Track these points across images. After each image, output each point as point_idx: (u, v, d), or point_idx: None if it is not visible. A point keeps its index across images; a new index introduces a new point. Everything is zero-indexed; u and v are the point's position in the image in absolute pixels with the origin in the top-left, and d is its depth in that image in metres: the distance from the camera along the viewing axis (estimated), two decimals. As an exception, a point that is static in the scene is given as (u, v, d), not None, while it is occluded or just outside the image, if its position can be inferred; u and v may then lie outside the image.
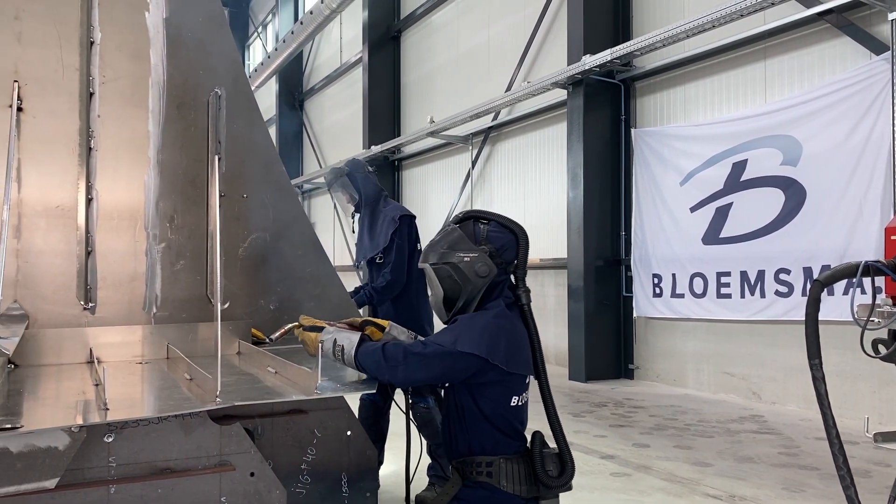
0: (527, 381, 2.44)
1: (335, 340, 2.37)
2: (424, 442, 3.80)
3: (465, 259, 2.36)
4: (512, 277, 2.48)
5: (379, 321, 2.71)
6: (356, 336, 2.38)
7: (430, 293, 2.48)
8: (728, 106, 8.01)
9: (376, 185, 4.60)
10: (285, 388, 2.39)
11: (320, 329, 2.47)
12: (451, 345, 2.26)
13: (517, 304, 2.46)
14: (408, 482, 2.89)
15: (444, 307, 2.44)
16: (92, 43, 3.06)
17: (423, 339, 2.42)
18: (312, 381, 2.25)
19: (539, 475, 2.34)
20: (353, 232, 4.84)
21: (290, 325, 2.66)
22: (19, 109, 2.91)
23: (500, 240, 2.42)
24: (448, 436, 2.45)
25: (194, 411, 2.12)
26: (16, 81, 2.92)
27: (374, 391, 2.46)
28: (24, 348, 2.77)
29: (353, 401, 2.85)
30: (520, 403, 2.40)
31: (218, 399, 2.07)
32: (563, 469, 2.40)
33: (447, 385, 2.44)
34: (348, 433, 2.74)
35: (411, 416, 4.25)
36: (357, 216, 4.75)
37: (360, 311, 4.44)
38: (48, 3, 3.00)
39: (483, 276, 2.35)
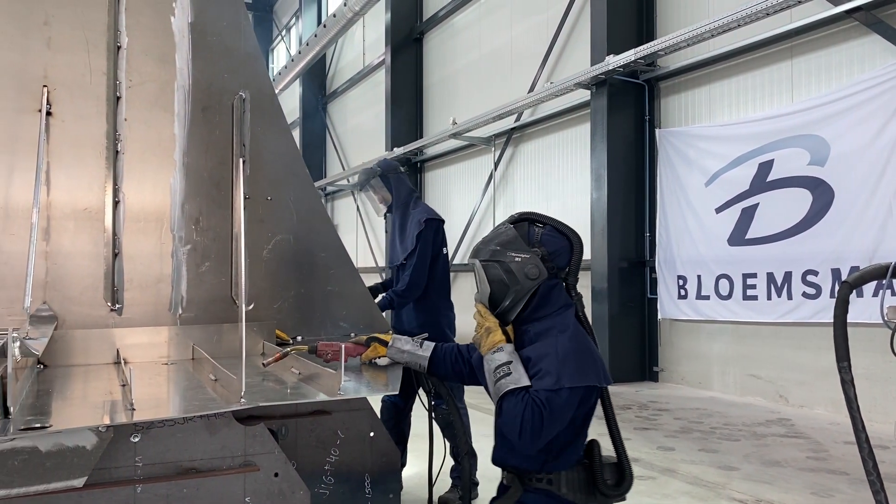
0: None
1: (497, 368, 2.22)
2: (447, 444, 3.80)
3: (517, 259, 2.29)
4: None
5: (382, 336, 2.72)
6: None
7: (476, 290, 2.41)
8: (754, 106, 7.92)
9: (408, 185, 4.60)
10: (309, 389, 2.40)
11: (315, 348, 2.55)
12: (556, 384, 2.14)
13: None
14: (430, 484, 2.88)
15: (488, 306, 2.38)
16: (119, 47, 3.10)
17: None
18: (336, 382, 2.25)
19: (598, 484, 2.30)
20: (386, 232, 4.84)
21: (286, 350, 2.69)
22: (48, 113, 2.95)
23: (553, 244, 2.35)
24: (503, 448, 2.36)
25: (219, 412, 2.13)
26: (45, 86, 2.97)
27: (397, 393, 2.47)
28: (53, 349, 2.81)
29: (376, 402, 2.86)
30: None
31: (242, 400, 2.09)
32: (621, 478, 2.36)
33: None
34: (371, 434, 2.75)
35: (436, 420, 4.27)
36: (388, 217, 4.76)
37: (384, 314, 4.46)
38: (76, 9, 3.05)
39: (533, 278, 2.28)
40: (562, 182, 10.82)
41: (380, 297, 4.42)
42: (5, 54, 2.92)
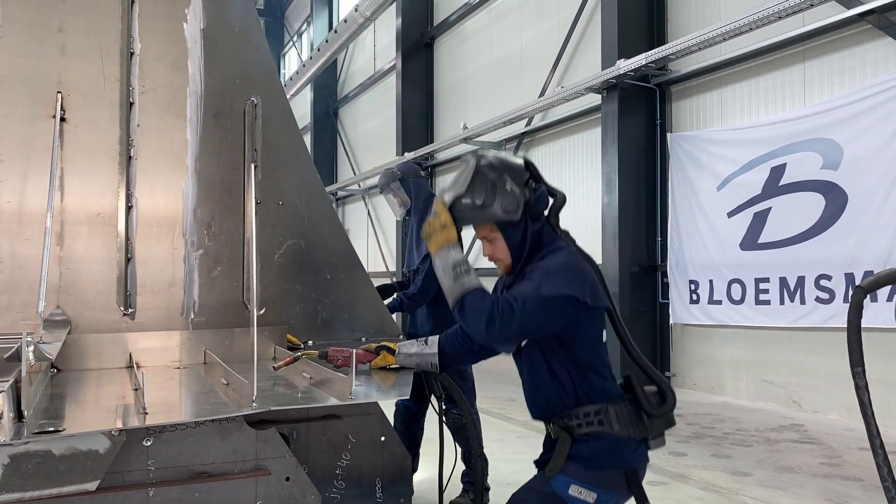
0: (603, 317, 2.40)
1: (455, 264, 2.27)
2: (458, 448, 3.80)
3: (507, 188, 2.32)
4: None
5: (390, 344, 2.72)
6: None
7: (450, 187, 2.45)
8: (766, 109, 7.88)
9: (428, 190, 4.61)
10: (320, 394, 2.41)
11: (325, 353, 2.56)
12: (536, 291, 2.19)
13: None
14: (441, 489, 2.88)
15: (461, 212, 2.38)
16: (132, 54, 3.13)
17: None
18: (347, 386, 2.26)
19: (645, 408, 2.29)
20: (405, 236, 4.84)
21: (296, 354, 2.70)
22: (62, 120, 2.98)
23: (537, 192, 2.40)
24: (539, 398, 2.35)
25: (231, 416, 2.14)
26: (59, 92, 2.99)
27: (408, 397, 2.46)
28: (66, 353, 2.83)
29: (388, 407, 2.86)
30: (605, 339, 2.38)
31: (254, 404, 2.09)
32: (663, 398, 2.37)
33: (524, 345, 2.34)
34: (382, 438, 2.75)
35: (447, 425, 4.26)
36: (406, 220, 4.78)
37: (393, 316, 4.47)
38: (90, 16, 3.07)
39: (510, 211, 2.30)
40: (573, 186, 10.80)
41: (391, 298, 4.43)
42: (20, 61, 2.95)
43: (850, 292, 5.33)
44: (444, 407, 2.95)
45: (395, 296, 4.47)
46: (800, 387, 7.45)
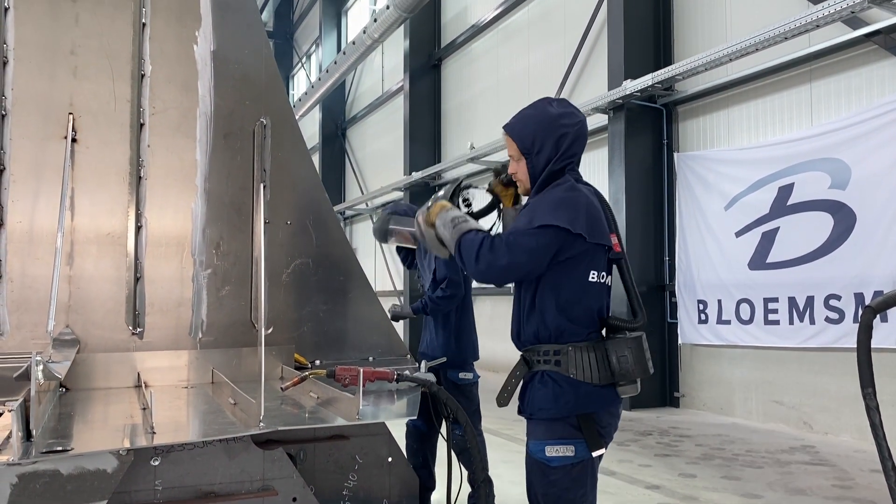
0: (608, 262, 2.50)
1: (453, 218, 2.45)
2: (463, 470, 3.78)
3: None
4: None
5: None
6: (463, 224, 2.44)
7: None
8: (773, 129, 7.89)
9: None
10: (327, 414, 2.40)
11: (333, 372, 2.58)
12: (528, 224, 2.30)
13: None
14: (449, 510, 2.86)
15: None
16: (143, 76, 3.16)
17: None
18: (354, 406, 2.25)
19: (611, 364, 2.37)
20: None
21: (304, 374, 2.70)
22: (73, 140, 3.01)
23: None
24: (514, 326, 2.48)
25: (238, 436, 2.14)
26: (71, 113, 3.03)
27: (416, 417, 2.46)
28: (75, 372, 2.84)
29: (395, 427, 2.85)
30: (600, 280, 2.44)
31: (261, 424, 2.09)
32: (634, 317, 2.50)
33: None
34: (389, 459, 2.74)
35: (452, 446, 4.25)
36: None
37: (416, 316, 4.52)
38: (102, 39, 3.12)
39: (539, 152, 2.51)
40: (580, 206, 10.80)
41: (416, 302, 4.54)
42: (33, 83, 2.99)
43: (860, 312, 5.32)
44: (450, 428, 2.94)
45: (419, 300, 4.53)
46: (810, 408, 7.39)
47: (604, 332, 2.50)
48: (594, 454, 2.33)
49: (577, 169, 2.56)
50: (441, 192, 2.66)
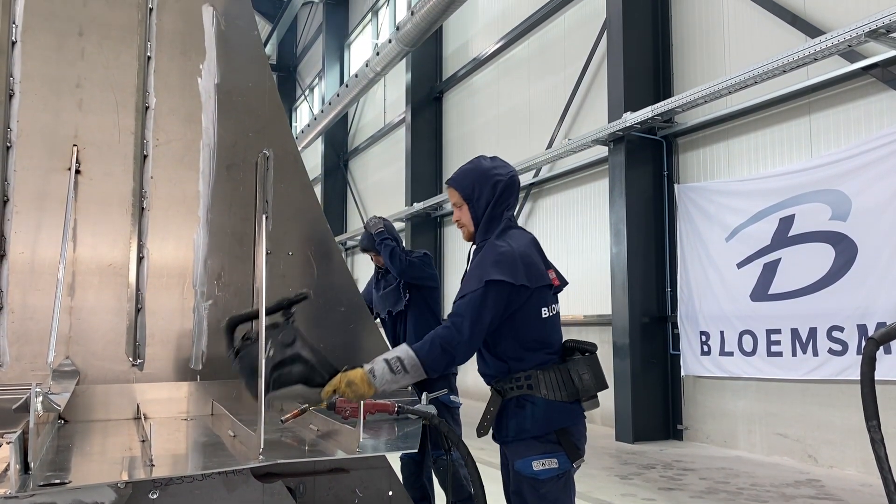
0: (554, 295, 2.75)
1: (386, 360, 2.52)
2: (448, 496, 3.75)
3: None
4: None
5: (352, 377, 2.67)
6: (399, 350, 2.54)
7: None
8: (773, 161, 7.93)
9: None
10: (327, 447, 2.38)
11: (333, 404, 2.57)
12: (478, 284, 2.53)
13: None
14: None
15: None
16: (147, 108, 3.19)
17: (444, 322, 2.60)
18: (354, 439, 2.24)
19: (574, 380, 2.59)
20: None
21: (305, 406, 2.68)
22: (77, 172, 3.03)
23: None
24: (482, 362, 2.71)
25: (238, 469, 2.12)
26: (75, 145, 3.05)
27: (416, 450, 2.44)
28: (74, 404, 2.82)
29: (394, 460, 2.83)
30: (550, 314, 2.68)
31: (261, 456, 2.08)
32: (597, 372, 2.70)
33: None
34: (390, 493, 2.71)
35: (435, 472, 4.28)
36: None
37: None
38: (108, 72, 3.15)
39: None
40: (581, 237, 10.83)
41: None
42: (39, 115, 3.02)
43: (863, 344, 5.29)
44: (434, 454, 2.98)
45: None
46: (815, 441, 7.32)
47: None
48: (574, 465, 2.58)
49: (513, 213, 2.84)
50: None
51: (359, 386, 2.47)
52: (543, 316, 2.64)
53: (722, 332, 8.18)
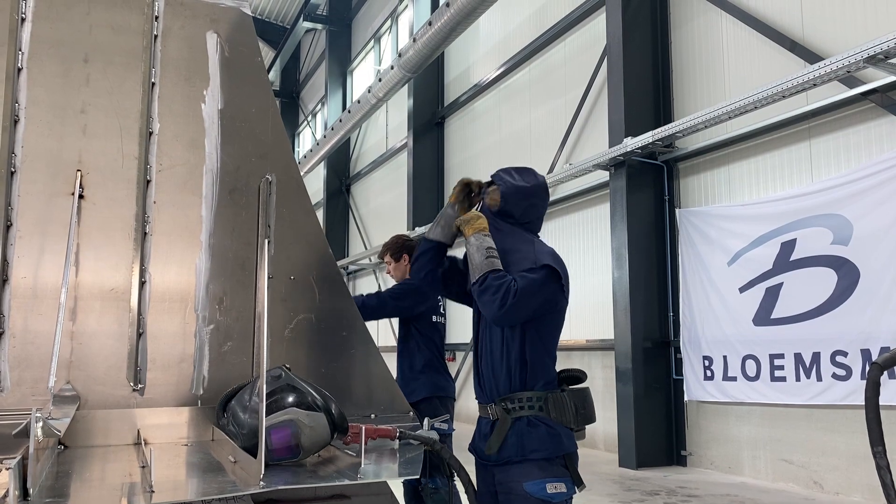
0: None
1: (488, 247, 2.64)
2: None
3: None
4: None
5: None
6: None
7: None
8: (774, 185, 7.95)
9: None
10: (329, 472, 2.37)
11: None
12: (533, 264, 2.59)
13: None
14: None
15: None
16: (151, 133, 3.21)
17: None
18: (356, 465, 2.22)
19: (578, 409, 2.60)
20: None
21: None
22: (81, 197, 3.04)
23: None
24: (490, 378, 2.67)
25: (238, 495, 2.10)
26: (79, 170, 3.07)
27: (418, 476, 2.42)
28: (74, 429, 2.81)
29: (396, 487, 2.81)
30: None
31: (261, 483, 2.06)
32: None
33: (488, 327, 2.70)
34: (391, 520, 2.68)
35: (427, 498, 4.26)
36: None
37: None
38: (112, 98, 3.18)
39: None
40: (583, 261, 10.83)
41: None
42: (43, 141, 3.04)
43: (867, 369, 5.27)
44: (423, 481, 2.96)
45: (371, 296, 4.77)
46: (820, 466, 7.25)
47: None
48: (578, 491, 2.58)
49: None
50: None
51: (473, 220, 2.70)
52: (560, 335, 2.70)
53: (725, 357, 8.14)
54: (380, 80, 14.92)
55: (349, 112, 16.92)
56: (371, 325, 4.27)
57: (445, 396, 4.66)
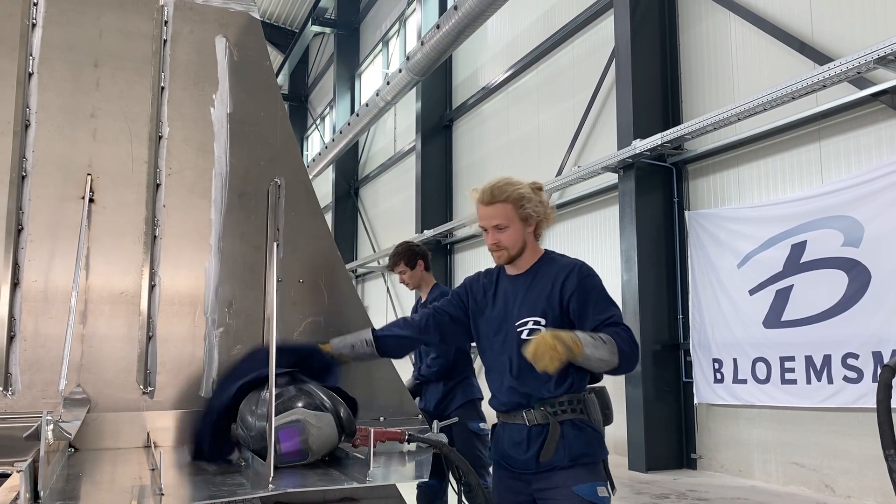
0: None
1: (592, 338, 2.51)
2: None
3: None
4: None
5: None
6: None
7: None
8: (784, 187, 7.92)
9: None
10: (337, 475, 2.37)
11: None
12: (615, 308, 2.70)
13: None
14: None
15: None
16: (160, 137, 3.23)
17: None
18: (364, 468, 2.22)
19: (604, 409, 2.65)
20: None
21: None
22: (91, 201, 3.05)
23: None
24: (524, 387, 2.62)
25: (247, 497, 2.10)
26: (89, 174, 3.08)
27: (427, 479, 2.42)
28: (84, 432, 2.82)
29: (406, 490, 2.80)
30: None
31: (271, 485, 2.06)
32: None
33: (516, 335, 2.68)
34: (400, 523, 2.68)
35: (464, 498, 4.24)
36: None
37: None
38: (122, 103, 3.19)
39: None
40: (591, 264, 10.65)
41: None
42: (54, 145, 3.06)
43: (879, 371, 5.24)
44: (461, 484, 2.91)
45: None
46: (832, 470, 7.20)
47: None
48: (613, 494, 2.59)
49: None
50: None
51: (566, 339, 2.40)
52: None
53: (735, 360, 8.10)
54: (388, 83, 14.94)
55: (357, 115, 16.96)
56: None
57: (479, 399, 4.73)
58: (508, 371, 2.69)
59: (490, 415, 3.16)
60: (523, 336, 2.65)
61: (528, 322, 2.69)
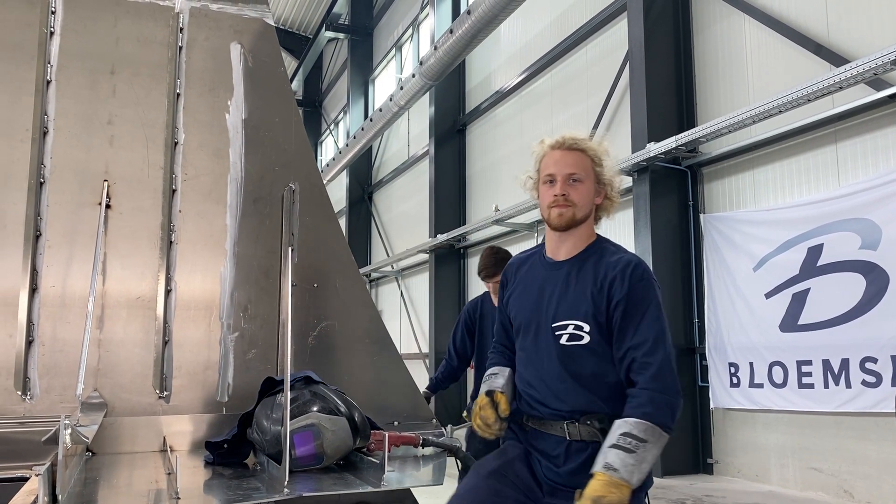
0: None
1: (611, 447, 2.19)
2: None
3: None
4: None
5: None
6: (617, 428, 2.23)
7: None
8: (800, 190, 7.85)
9: None
10: (352, 479, 2.37)
11: None
12: (662, 325, 2.43)
13: None
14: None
15: None
16: (176, 143, 3.25)
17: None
18: (379, 472, 2.22)
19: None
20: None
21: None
22: (108, 206, 3.08)
23: None
24: (576, 397, 2.36)
25: (263, 501, 2.11)
26: (105, 181, 3.11)
27: (441, 483, 2.42)
28: (101, 436, 2.84)
29: (420, 494, 2.80)
30: None
31: (286, 490, 2.07)
32: None
33: (562, 347, 2.40)
34: (415, 527, 2.67)
35: None
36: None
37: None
38: (138, 109, 3.23)
39: None
40: (606, 268, 10.75)
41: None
42: (71, 152, 3.09)
43: (898, 375, 5.18)
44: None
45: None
46: (850, 475, 7.12)
47: None
48: None
49: None
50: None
51: (612, 490, 2.07)
52: None
53: (751, 364, 8.04)
54: (401, 88, 14.98)
55: (371, 120, 17.00)
56: (393, 333, 4.30)
57: None
58: (545, 377, 2.41)
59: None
60: (563, 342, 2.36)
61: (567, 326, 2.36)
